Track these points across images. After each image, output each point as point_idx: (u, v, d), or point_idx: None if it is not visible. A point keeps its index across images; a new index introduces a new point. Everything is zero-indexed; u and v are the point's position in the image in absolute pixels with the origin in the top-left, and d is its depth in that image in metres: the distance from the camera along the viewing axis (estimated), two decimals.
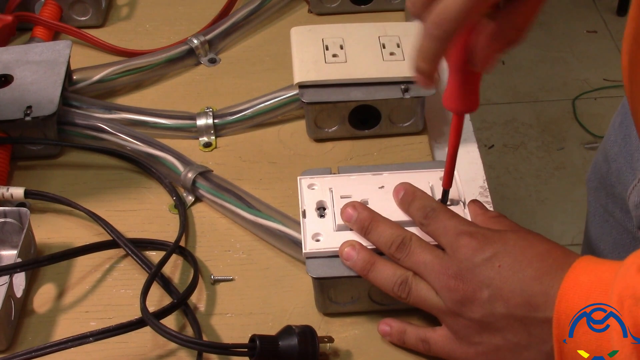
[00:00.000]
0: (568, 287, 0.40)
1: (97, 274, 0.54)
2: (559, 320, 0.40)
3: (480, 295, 0.43)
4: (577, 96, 1.82)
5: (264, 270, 0.53)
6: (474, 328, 0.43)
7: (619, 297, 0.38)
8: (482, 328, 0.43)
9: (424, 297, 0.45)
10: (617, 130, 0.61)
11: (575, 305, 0.39)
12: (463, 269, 0.44)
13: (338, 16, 0.73)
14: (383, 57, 0.61)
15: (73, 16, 0.74)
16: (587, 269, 0.41)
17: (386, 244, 0.47)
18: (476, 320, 0.43)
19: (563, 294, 0.40)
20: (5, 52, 0.66)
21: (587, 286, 0.40)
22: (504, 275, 0.42)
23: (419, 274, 0.46)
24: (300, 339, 0.45)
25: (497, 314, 0.42)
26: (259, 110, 0.63)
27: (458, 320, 0.44)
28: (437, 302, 0.45)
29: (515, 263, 0.43)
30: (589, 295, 0.39)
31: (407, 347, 0.47)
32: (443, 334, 0.46)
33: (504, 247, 0.43)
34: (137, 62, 0.68)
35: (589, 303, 0.39)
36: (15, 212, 0.53)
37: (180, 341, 0.45)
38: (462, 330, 0.44)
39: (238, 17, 0.72)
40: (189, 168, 0.58)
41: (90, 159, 0.62)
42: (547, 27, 2.03)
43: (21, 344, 0.49)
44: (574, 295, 0.40)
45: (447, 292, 0.44)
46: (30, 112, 0.60)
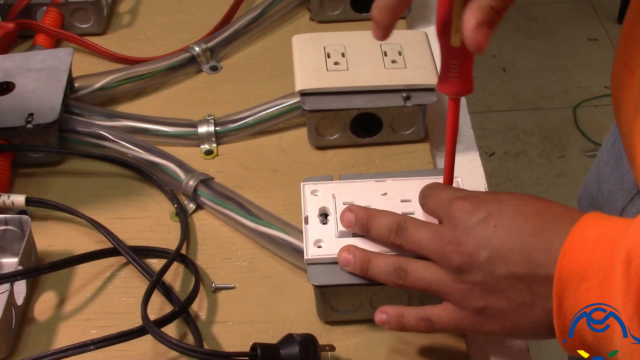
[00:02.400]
0: (573, 241, 0.39)
1: (98, 282, 0.53)
2: (560, 276, 0.38)
3: (478, 258, 0.41)
4: (578, 104, 1.82)
5: (265, 278, 0.53)
6: (476, 293, 0.42)
7: (627, 256, 0.36)
8: (484, 291, 0.42)
9: (421, 275, 0.44)
10: (609, 150, 0.61)
11: (580, 260, 0.38)
12: (458, 234, 0.42)
13: (340, 24, 0.73)
14: (385, 64, 0.61)
15: (75, 24, 0.74)
16: (594, 224, 0.39)
17: (386, 234, 0.46)
18: (478, 284, 0.42)
19: (567, 249, 0.38)
20: (6, 59, 0.66)
21: (593, 241, 0.38)
22: (500, 234, 0.41)
23: (419, 253, 0.45)
24: (302, 347, 0.45)
25: (498, 274, 0.41)
26: (261, 117, 0.63)
27: (460, 288, 0.43)
28: (436, 276, 0.44)
29: (511, 221, 0.41)
30: (595, 250, 0.37)
31: (408, 331, 0.45)
32: (445, 307, 0.44)
33: (499, 207, 0.42)
34: (138, 69, 0.68)
35: (593, 259, 0.37)
36: (16, 220, 0.53)
37: (181, 349, 0.45)
38: (464, 298, 0.43)
39: (240, 24, 0.72)
40: (191, 176, 0.58)
41: (91, 167, 0.62)
42: (548, 35, 2.03)
43: (22, 352, 0.49)
44: (579, 251, 0.38)
45: (445, 259, 0.43)
46: (32, 120, 0.60)
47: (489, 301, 0.42)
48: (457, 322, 0.44)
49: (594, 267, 0.38)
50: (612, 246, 0.37)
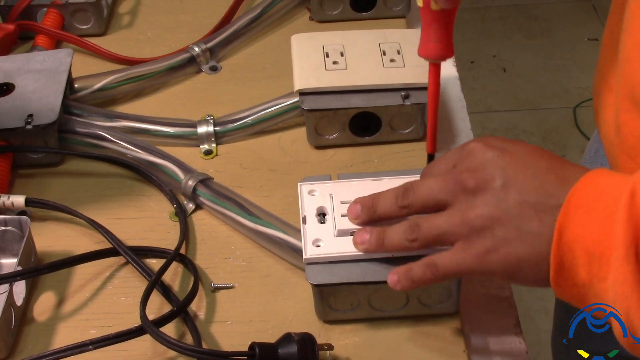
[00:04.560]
0: (585, 182, 0.39)
1: (97, 282, 0.53)
2: (568, 205, 0.39)
3: (493, 183, 0.42)
4: (578, 104, 1.82)
5: (264, 277, 0.53)
6: (487, 220, 0.42)
7: (632, 189, 0.37)
8: (495, 220, 0.41)
9: (433, 223, 0.44)
10: (592, 158, 0.61)
11: (589, 197, 0.38)
12: (474, 165, 0.43)
13: (339, 23, 0.73)
14: (383, 63, 0.61)
15: (75, 25, 0.74)
16: (608, 172, 0.40)
17: (392, 203, 0.46)
18: (489, 211, 0.41)
19: (579, 186, 0.39)
20: (7, 60, 0.66)
21: (606, 184, 0.39)
22: (516, 165, 0.42)
23: (432, 201, 0.44)
24: (300, 346, 0.45)
25: (511, 201, 0.41)
26: (260, 117, 0.63)
27: (470, 221, 0.42)
28: (447, 218, 0.43)
29: (527, 157, 0.42)
30: (605, 191, 0.38)
31: (417, 284, 0.44)
32: (450, 251, 0.43)
33: (513, 146, 0.43)
34: (138, 70, 0.68)
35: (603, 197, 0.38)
36: (16, 221, 0.53)
37: (180, 349, 0.45)
38: (474, 231, 0.42)
39: (239, 25, 0.72)
40: (190, 176, 0.58)
41: (91, 167, 0.62)
42: (548, 34, 2.03)
43: (21, 352, 0.49)
44: (590, 189, 0.39)
45: (459, 186, 0.42)
46: (31, 121, 0.60)
47: (497, 230, 0.41)
48: (461, 263, 0.43)
49: (600, 205, 0.38)
50: (621, 188, 0.38)
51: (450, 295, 0.49)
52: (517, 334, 0.51)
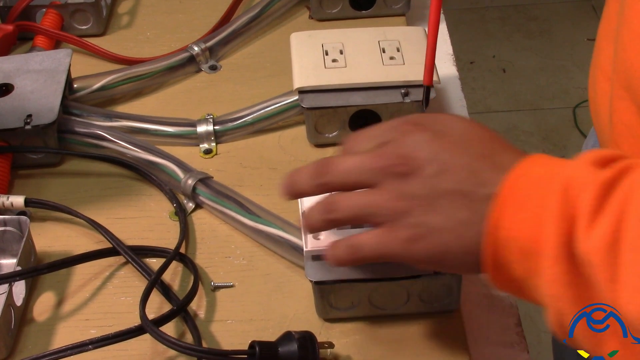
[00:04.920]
0: (519, 171, 0.38)
1: (97, 282, 0.53)
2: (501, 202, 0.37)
3: (425, 170, 0.39)
4: (578, 104, 1.82)
5: (264, 276, 0.53)
6: (415, 209, 0.40)
7: (564, 185, 0.36)
8: (423, 207, 0.39)
9: (353, 201, 0.41)
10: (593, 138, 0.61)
11: (522, 190, 0.37)
12: (406, 148, 0.40)
13: (339, 22, 0.73)
14: (383, 61, 0.61)
15: (74, 25, 0.74)
16: (541, 162, 0.39)
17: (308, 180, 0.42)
18: (418, 199, 0.39)
19: (513, 177, 0.38)
20: (6, 61, 0.66)
21: (538, 176, 0.38)
22: (452, 150, 0.40)
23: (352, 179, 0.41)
24: (300, 345, 0.45)
25: (442, 189, 0.39)
26: (260, 116, 0.63)
27: (396, 205, 0.40)
28: (370, 197, 0.40)
29: (461, 140, 0.40)
30: (538, 185, 0.37)
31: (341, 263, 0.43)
32: (375, 232, 0.41)
33: (452, 128, 0.41)
34: (137, 69, 0.68)
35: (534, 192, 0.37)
36: (15, 221, 0.53)
37: (180, 348, 0.45)
38: (401, 215, 0.40)
39: (239, 24, 0.72)
40: (189, 175, 0.58)
41: (90, 167, 0.62)
42: (547, 35, 2.03)
43: (21, 353, 0.49)
44: (523, 182, 0.38)
45: (387, 171, 0.40)
46: (31, 121, 0.60)
47: (426, 217, 0.39)
48: (386, 246, 0.41)
49: (532, 199, 0.37)
50: (552, 180, 0.37)
51: (451, 293, 0.49)
52: (518, 333, 0.51)
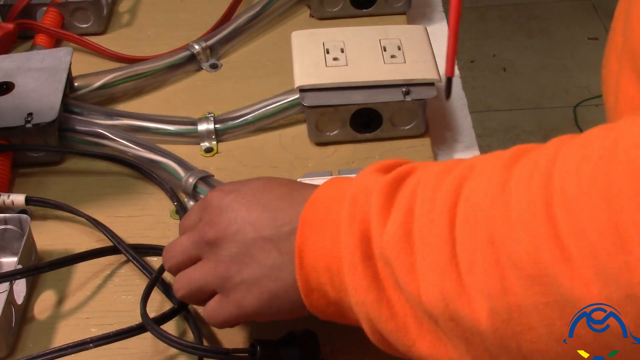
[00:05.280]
0: (315, 197, 0.41)
1: (97, 280, 0.53)
2: (302, 229, 0.40)
3: (230, 230, 0.42)
4: (579, 103, 1.82)
5: None
6: (233, 268, 0.42)
7: (353, 195, 0.38)
8: (240, 263, 0.42)
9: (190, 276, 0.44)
10: None
11: (320, 212, 0.40)
12: (213, 215, 0.43)
13: (340, 20, 0.73)
14: (384, 60, 0.61)
15: (75, 23, 0.74)
16: (336, 182, 0.41)
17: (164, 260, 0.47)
18: (233, 257, 0.42)
19: (309, 203, 0.40)
20: (6, 59, 0.66)
21: (333, 195, 0.40)
22: (249, 204, 0.43)
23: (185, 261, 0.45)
24: (302, 344, 0.45)
25: (248, 240, 0.42)
26: (260, 114, 0.63)
27: (220, 270, 0.43)
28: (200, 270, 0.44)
29: (259, 192, 0.43)
30: (333, 202, 0.40)
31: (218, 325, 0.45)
32: (213, 300, 0.44)
33: (248, 185, 0.44)
34: (138, 68, 0.68)
35: (331, 210, 0.39)
36: (16, 219, 0.53)
37: (181, 346, 0.45)
38: (225, 278, 0.43)
39: (239, 22, 0.72)
40: (190, 173, 0.58)
41: (91, 165, 0.62)
42: (548, 34, 2.03)
43: (22, 351, 0.49)
44: (320, 204, 0.40)
45: (201, 240, 0.43)
46: (31, 119, 0.59)
47: (244, 273, 0.42)
48: (224, 312, 0.43)
49: (329, 216, 0.39)
50: (345, 195, 0.39)
51: None
52: None
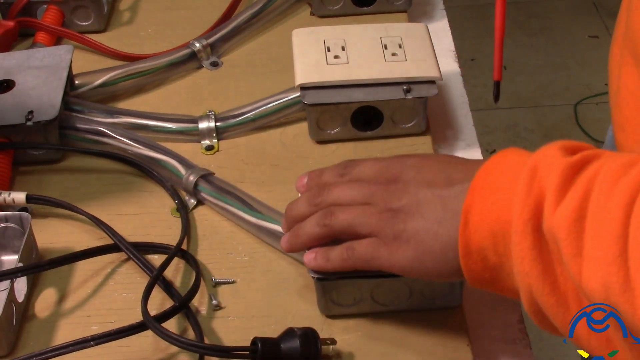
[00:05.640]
0: (491, 163, 0.41)
1: (98, 278, 0.53)
2: (473, 189, 0.40)
3: (406, 185, 0.44)
4: (579, 101, 1.82)
5: (266, 272, 0.53)
6: (396, 217, 0.44)
7: (533, 166, 0.38)
8: (404, 214, 0.43)
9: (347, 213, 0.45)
10: (611, 141, 0.61)
11: (494, 177, 0.40)
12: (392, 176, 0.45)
13: (341, 18, 0.73)
14: (385, 57, 0.61)
15: (75, 21, 0.74)
16: (515, 152, 0.41)
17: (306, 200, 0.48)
18: (399, 208, 0.44)
19: (485, 167, 0.41)
20: (7, 57, 0.66)
21: (511, 164, 0.40)
22: (428, 165, 0.45)
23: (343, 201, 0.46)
24: (302, 341, 0.45)
25: (421, 194, 0.43)
26: (261, 112, 0.63)
27: (383, 216, 0.44)
28: (361, 210, 0.45)
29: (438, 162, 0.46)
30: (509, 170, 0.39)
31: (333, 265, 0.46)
32: (367, 240, 0.45)
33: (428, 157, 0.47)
34: (139, 66, 0.68)
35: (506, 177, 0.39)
36: (17, 217, 0.53)
37: (182, 344, 0.45)
38: (387, 223, 0.44)
39: (240, 20, 0.72)
40: (191, 171, 0.58)
41: (92, 163, 0.62)
42: (548, 32, 2.03)
43: (22, 349, 0.49)
44: (495, 170, 0.40)
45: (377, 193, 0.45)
46: (32, 117, 0.59)
47: (406, 224, 0.43)
48: (374, 251, 0.44)
49: (502, 182, 0.39)
50: (524, 165, 0.39)
51: (453, 289, 0.49)
52: (520, 329, 0.51)
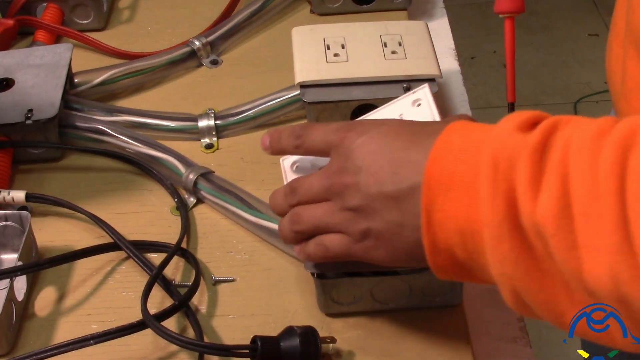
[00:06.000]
0: (438, 150, 0.38)
1: (98, 277, 0.53)
2: (428, 187, 0.37)
3: (356, 180, 0.42)
4: (579, 100, 1.82)
5: (266, 271, 0.53)
6: (358, 217, 0.42)
7: (492, 159, 0.35)
8: (364, 215, 0.42)
9: (312, 215, 0.44)
10: None
11: (446, 169, 0.37)
12: (341, 160, 0.42)
13: (340, 16, 0.73)
14: (385, 55, 0.61)
15: (75, 19, 0.74)
16: (460, 132, 0.38)
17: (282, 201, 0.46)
18: (358, 209, 0.42)
19: (433, 158, 0.38)
20: (6, 55, 0.66)
21: (459, 148, 0.37)
22: (373, 153, 0.41)
23: (311, 198, 0.44)
24: (302, 339, 0.45)
25: (372, 194, 0.41)
26: (261, 111, 0.63)
27: (344, 216, 0.43)
28: (325, 209, 0.43)
29: (385, 138, 0.41)
30: (460, 157, 0.37)
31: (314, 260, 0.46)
32: (339, 238, 0.44)
33: (378, 130, 0.42)
34: (138, 64, 0.68)
35: (458, 167, 0.36)
36: (16, 216, 0.53)
37: (181, 343, 0.45)
38: (349, 224, 0.42)
39: (240, 18, 0.72)
40: (191, 169, 0.58)
41: (91, 162, 0.62)
42: (548, 30, 2.03)
43: (22, 348, 0.49)
44: (445, 160, 0.37)
45: (331, 189, 0.43)
46: (32, 116, 0.59)
47: (369, 224, 0.42)
48: (349, 249, 0.43)
49: (459, 175, 0.36)
50: (477, 152, 0.36)
51: (453, 287, 0.49)
52: (520, 328, 0.51)
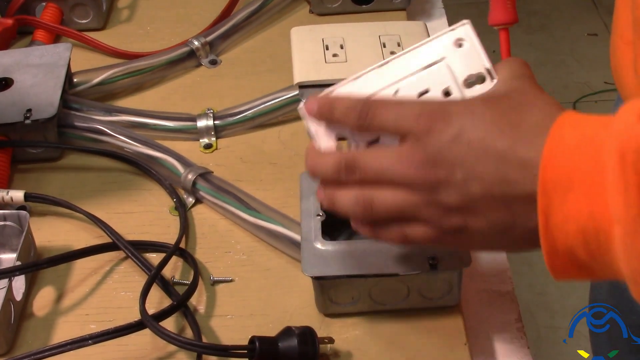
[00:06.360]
0: (552, 149, 0.35)
1: (96, 277, 0.53)
2: (544, 190, 0.35)
3: (453, 177, 0.38)
4: (578, 99, 1.82)
5: (264, 271, 0.53)
6: (454, 214, 0.39)
7: (619, 152, 0.32)
8: (462, 212, 0.39)
9: (390, 202, 0.40)
10: None
11: (563, 169, 0.35)
12: (430, 153, 0.38)
13: (339, 16, 0.73)
14: (384, 56, 0.61)
15: (74, 19, 0.74)
16: (572, 125, 0.36)
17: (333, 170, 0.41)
18: (454, 206, 0.39)
19: (547, 158, 0.35)
20: (5, 55, 0.66)
21: (575, 145, 0.35)
22: (475, 150, 0.38)
23: (382, 181, 0.40)
24: (300, 340, 0.45)
25: (475, 195, 0.38)
26: (260, 111, 0.63)
27: (434, 211, 0.39)
28: (407, 199, 0.39)
29: (485, 135, 0.38)
30: (578, 155, 0.34)
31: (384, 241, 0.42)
32: (424, 230, 0.41)
33: (472, 119, 0.38)
34: (137, 64, 0.68)
35: (579, 165, 0.34)
36: (15, 215, 0.53)
37: (180, 343, 0.45)
38: (441, 219, 0.39)
39: (239, 18, 0.72)
40: (189, 169, 0.58)
41: (90, 162, 0.62)
42: (547, 30, 2.03)
43: (21, 347, 0.49)
44: (561, 159, 0.35)
45: (417, 182, 0.39)
46: (30, 115, 0.59)
47: (467, 222, 0.39)
48: (436, 239, 0.41)
49: (579, 173, 0.34)
50: (597, 147, 0.34)
51: (451, 288, 0.49)
52: (518, 328, 0.51)
